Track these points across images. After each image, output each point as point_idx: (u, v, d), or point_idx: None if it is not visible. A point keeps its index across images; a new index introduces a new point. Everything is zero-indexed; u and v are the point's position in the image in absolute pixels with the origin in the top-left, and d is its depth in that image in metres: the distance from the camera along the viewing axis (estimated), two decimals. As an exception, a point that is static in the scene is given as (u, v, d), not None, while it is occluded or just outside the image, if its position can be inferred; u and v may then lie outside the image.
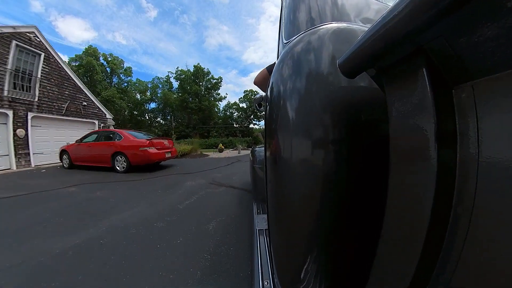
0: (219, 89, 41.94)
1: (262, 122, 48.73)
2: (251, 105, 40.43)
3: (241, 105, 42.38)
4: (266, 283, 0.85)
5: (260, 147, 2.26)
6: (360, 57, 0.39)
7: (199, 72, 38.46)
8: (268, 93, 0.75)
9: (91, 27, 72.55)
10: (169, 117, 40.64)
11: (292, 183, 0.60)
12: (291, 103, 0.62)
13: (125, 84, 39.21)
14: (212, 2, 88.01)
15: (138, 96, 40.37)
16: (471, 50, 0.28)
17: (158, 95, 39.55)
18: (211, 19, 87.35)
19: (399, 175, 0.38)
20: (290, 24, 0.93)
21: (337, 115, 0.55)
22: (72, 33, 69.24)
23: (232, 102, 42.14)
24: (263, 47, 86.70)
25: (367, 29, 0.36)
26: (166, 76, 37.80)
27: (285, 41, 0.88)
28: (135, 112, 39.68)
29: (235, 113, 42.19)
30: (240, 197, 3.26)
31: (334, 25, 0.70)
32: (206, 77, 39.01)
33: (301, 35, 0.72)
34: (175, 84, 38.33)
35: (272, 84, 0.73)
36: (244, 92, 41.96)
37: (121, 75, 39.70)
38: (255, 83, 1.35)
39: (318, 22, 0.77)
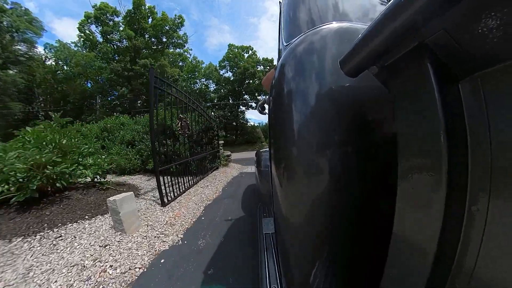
0: (183, 46, 23.45)
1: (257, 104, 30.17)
2: (243, 71, 21.03)
3: (224, 73, 23.15)
4: None
5: (265, 149, 2.12)
6: (361, 55, 0.39)
7: (139, 14, 20.41)
8: (272, 96, 0.74)
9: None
10: (98, 100, 23.48)
11: (299, 185, 0.59)
12: (296, 105, 0.60)
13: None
14: (212, 2, 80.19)
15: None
16: (475, 42, 0.28)
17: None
18: (212, 19, 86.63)
19: (408, 175, 0.37)
20: (290, 25, 0.92)
21: (343, 115, 0.54)
22: (70, 35, 65.30)
23: (207, 63, 22.93)
24: (263, 46, 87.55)
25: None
26: (81, 21, 20.51)
27: (285, 43, 0.88)
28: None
29: (212, 87, 23.11)
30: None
31: (336, 24, 0.69)
32: (156, 21, 20.75)
33: (303, 36, 0.71)
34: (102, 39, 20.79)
35: (275, 87, 0.71)
36: (228, 47, 22.57)
37: (26, 33, 23.93)
38: (263, 83, 1.36)
39: (319, 23, 0.77)
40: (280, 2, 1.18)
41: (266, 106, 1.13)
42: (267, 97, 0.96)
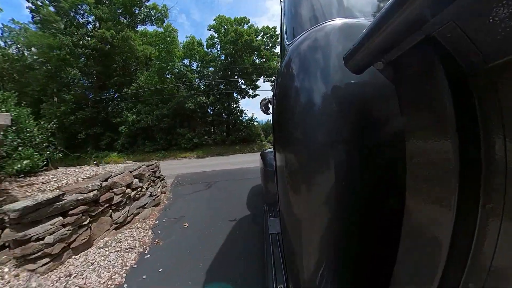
0: (163, 21, 18.41)
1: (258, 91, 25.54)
2: (235, 39, 15.49)
3: (215, 53, 17.60)
4: None
5: (270, 150, 2.20)
6: (366, 50, 0.38)
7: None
8: (276, 95, 0.73)
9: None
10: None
11: (304, 185, 0.57)
12: (301, 104, 0.58)
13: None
14: (212, 2, 79.71)
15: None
16: (486, 33, 0.26)
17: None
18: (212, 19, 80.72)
19: (418, 173, 0.35)
20: (293, 23, 0.91)
21: (349, 114, 0.53)
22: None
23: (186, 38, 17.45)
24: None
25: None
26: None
27: (287, 42, 0.87)
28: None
29: (196, 66, 17.52)
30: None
31: (340, 21, 0.68)
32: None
33: (306, 33, 0.70)
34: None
35: (279, 85, 0.71)
36: (214, 20, 17.08)
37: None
38: None
39: (322, 19, 0.75)
40: (281, 1, 1.16)
41: (270, 106, 1.18)
42: (271, 96, 1.01)
